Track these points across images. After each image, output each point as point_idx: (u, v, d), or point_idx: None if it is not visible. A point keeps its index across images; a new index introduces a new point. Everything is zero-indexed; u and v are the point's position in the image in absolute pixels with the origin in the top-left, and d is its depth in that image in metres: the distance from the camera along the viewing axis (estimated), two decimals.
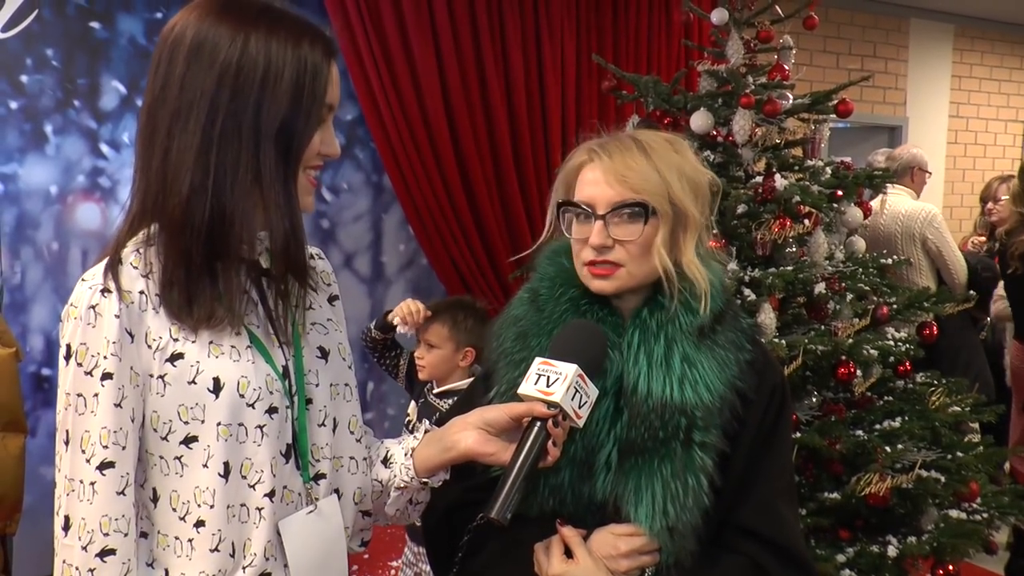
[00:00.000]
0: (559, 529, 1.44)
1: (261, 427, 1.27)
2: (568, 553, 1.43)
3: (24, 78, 3.94)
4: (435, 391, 3.06)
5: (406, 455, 1.48)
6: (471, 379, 2.82)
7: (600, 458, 1.42)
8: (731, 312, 1.50)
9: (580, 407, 1.34)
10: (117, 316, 1.20)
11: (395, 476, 1.48)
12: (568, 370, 1.33)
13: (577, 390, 1.33)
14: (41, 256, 4.02)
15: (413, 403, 3.20)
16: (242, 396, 1.25)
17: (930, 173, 5.08)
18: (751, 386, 1.45)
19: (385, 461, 1.50)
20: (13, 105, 3.93)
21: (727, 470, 1.43)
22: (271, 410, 1.28)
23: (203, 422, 1.24)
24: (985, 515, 3.08)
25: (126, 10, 4.11)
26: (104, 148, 4.10)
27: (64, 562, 1.22)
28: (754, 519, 1.46)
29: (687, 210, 1.44)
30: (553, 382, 1.33)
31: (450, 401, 2.89)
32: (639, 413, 1.40)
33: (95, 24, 4.06)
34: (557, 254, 1.56)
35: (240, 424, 1.25)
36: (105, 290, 1.21)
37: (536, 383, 1.34)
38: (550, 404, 1.32)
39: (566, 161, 1.54)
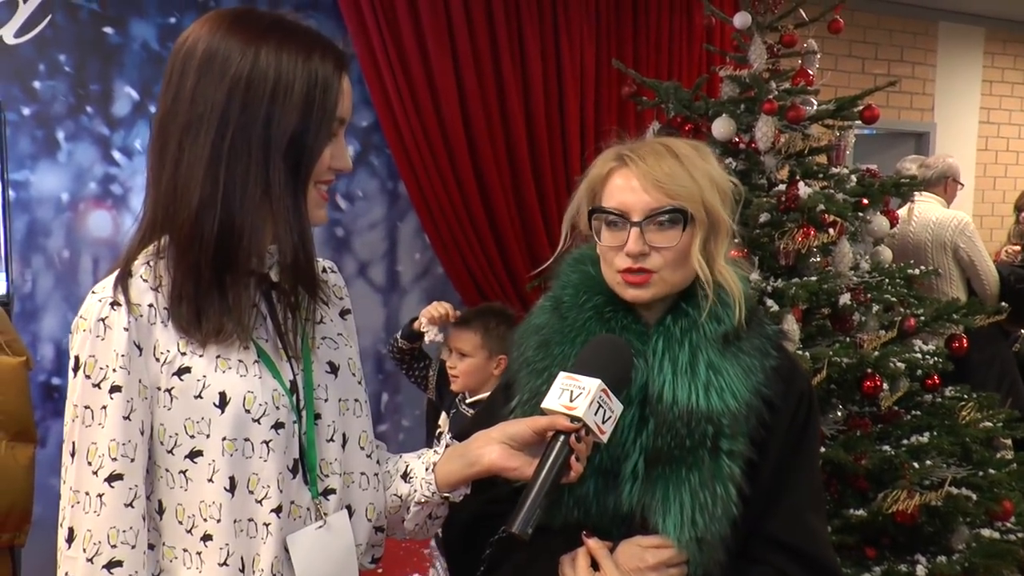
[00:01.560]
0: (585, 541, 1.43)
1: (267, 442, 1.27)
2: (595, 565, 1.42)
3: (36, 84, 3.92)
4: (467, 401, 3.01)
5: (427, 469, 1.48)
6: None
7: (626, 468, 1.42)
8: (756, 318, 1.50)
9: (603, 422, 1.34)
10: (126, 329, 1.22)
11: (415, 491, 1.48)
12: (591, 385, 1.33)
13: (600, 405, 1.33)
14: (52, 264, 3.99)
15: (444, 414, 3.15)
16: (248, 411, 1.26)
17: (963, 184, 5.02)
18: (777, 393, 1.45)
19: (404, 475, 1.50)
20: (25, 111, 3.91)
21: (755, 478, 1.42)
22: (277, 425, 1.28)
23: (208, 436, 1.25)
24: (1020, 535, 3.05)
25: (139, 15, 4.09)
26: (116, 155, 4.07)
27: (67, 574, 1.22)
28: (783, 529, 1.45)
29: (720, 216, 1.45)
30: (576, 396, 1.33)
31: None
32: (665, 421, 1.40)
33: (108, 29, 4.03)
34: (580, 261, 1.56)
35: (246, 439, 1.26)
36: (115, 303, 1.22)
37: (560, 397, 1.34)
38: (573, 418, 1.32)
39: (591, 167, 1.54)
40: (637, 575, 1.39)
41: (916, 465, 2.85)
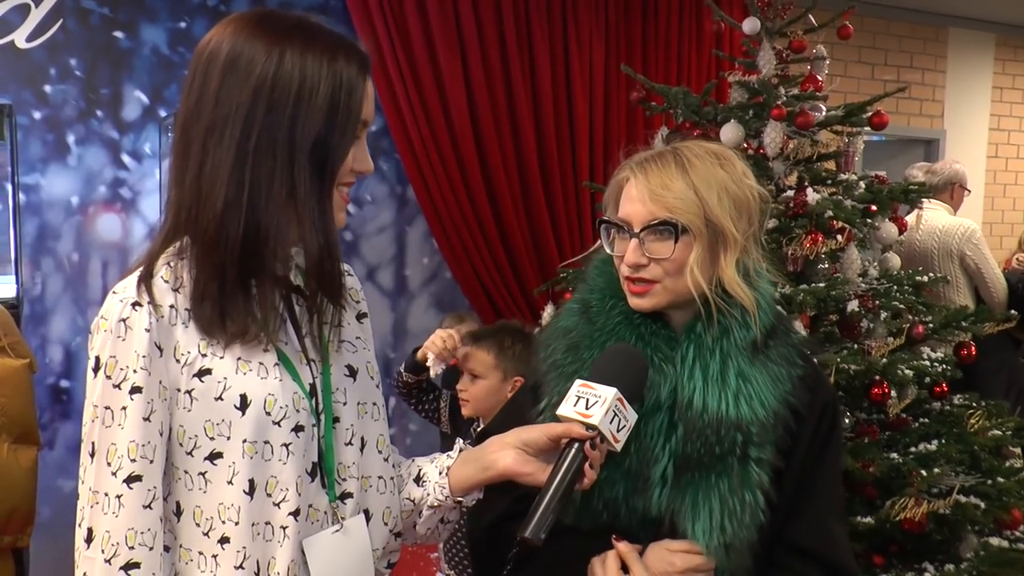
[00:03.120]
0: (615, 544, 1.44)
1: (287, 445, 1.27)
2: (624, 568, 1.43)
3: (47, 88, 3.94)
4: (481, 429, 2.86)
5: (440, 474, 1.48)
6: None
7: (655, 472, 1.43)
8: (782, 327, 1.52)
9: (618, 431, 1.34)
10: (147, 330, 1.22)
11: (428, 495, 1.48)
12: (607, 393, 1.34)
13: (616, 414, 1.34)
14: (61, 267, 4.01)
15: (460, 440, 3.01)
16: (268, 414, 1.26)
17: (969, 191, 5.00)
18: (803, 402, 1.46)
19: (417, 479, 1.50)
20: (36, 115, 3.93)
21: (781, 486, 1.44)
22: (297, 428, 1.28)
23: (228, 439, 1.25)
24: None
25: (150, 20, 4.11)
26: (126, 159, 4.09)
27: (85, 575, 1.22)
28: (806, 537, 1.47)
29: (724, 228, 1.43)
30: (592, 405, 1.33)
31: None
32: (695, 428, 1.41)
33: (118, 34, 4.06)
34: (608, 264, 1.56)
35: (266, 442, 1.26)
36: (136, 303, 1.22)
37: (575, 405, 1.35)
38: (588, 426, 1.33)
39: (614, 175, 1.55)
40: None
41: (924, 473, 2.82)
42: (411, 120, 4.39)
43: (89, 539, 1.21)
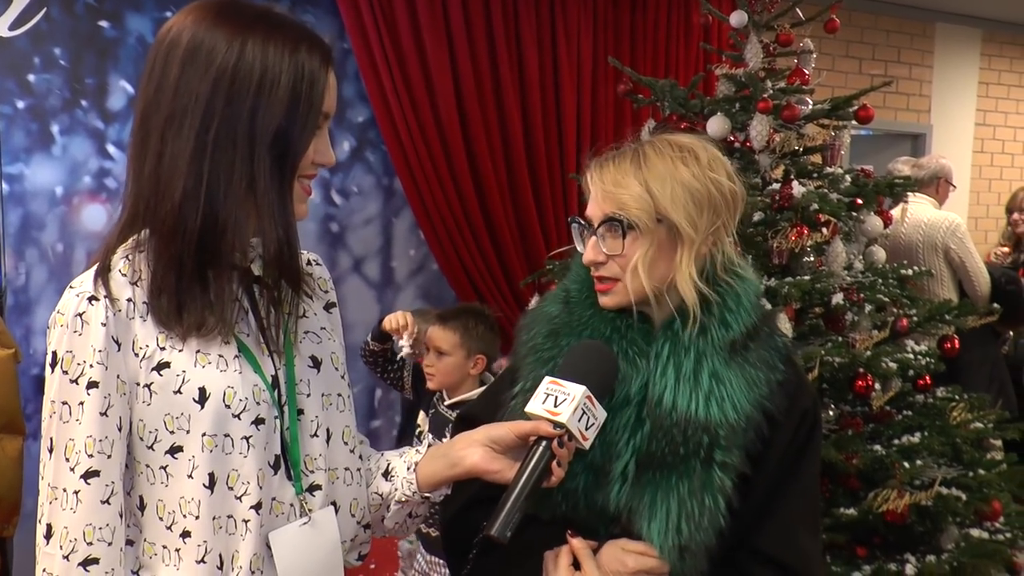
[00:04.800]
0: (569, 540, 1.43)
1: (247, 438, 1.26)
2: (576, 565, 1.42)
3: (31, 77, 3.91)
4: (447, 402, 2.99)
5: (409, 469, 1.47)
6: (483, 388, 2.76)
7: (617, 467, 1.42)
8: (766, 329, 1.48)
9: (587, 429, 1.33)
10: (104, 324, 1.20)
11: (396, 489, 1.47)
12: (576, 391, 1.33)
13: (585, 412, 1.33)
14: (46, 257, 3.98)
15: (424, 413, 3.14)
16: (228, 406, 1.25)
17: (955, 186, 5.02)
18: (780, 408, 1.43)
19: (386, 474, 1.49)
20: (20, 105, 3.90)
21: (747, 493, 1.41)
22: (257, 421, 1.27)
23: (188, 432, 1.23)
24: (1008, 535, 3.04)
25: (135, 9, 4.08)
26: (111, 149, 4.06)
27: (44, 571, 1.21)
28: (773, 546, 1.45)
29: (678, 224, 1.40)
30: (561, 402, 1.33)
31: None
32: (661, 426, 1.39)
33: (103, 23, 4.02)
34: None
35: (226, 435, 1.25)
36: (93, 298, 1.21)
37: (544, 402, 1.34)
38: (556, 424, 1.32)
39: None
40: None
41: (907, 465, 2.84)
42: (398, 111, 4.37)
43: (48, 535, 1.21)
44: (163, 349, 1.23)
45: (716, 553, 1.39)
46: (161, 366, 1.23)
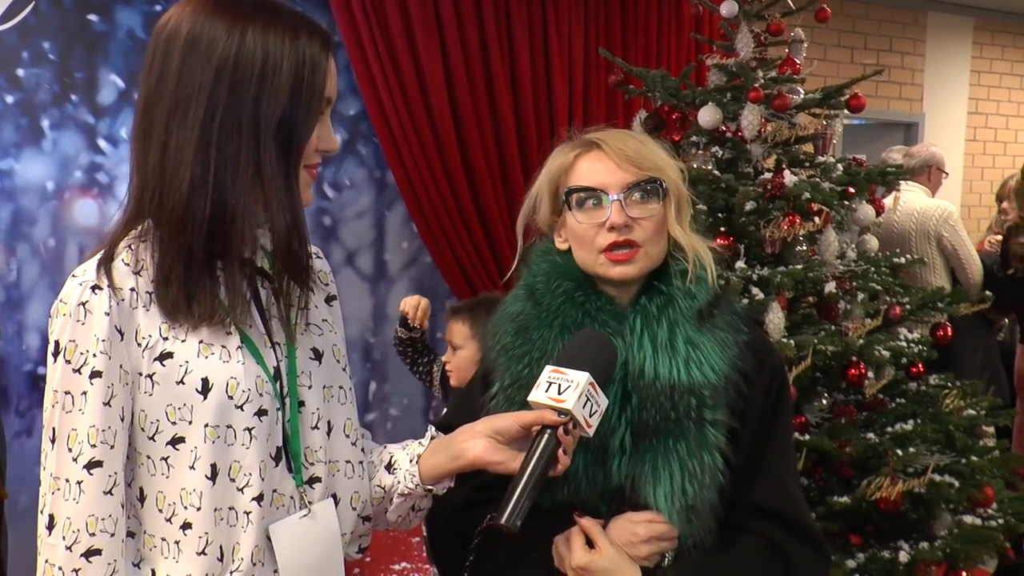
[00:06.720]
0: (578, 520, 1.45)
1: (249, 429, 1.26)
2: (589, 543, 1.43)
3: (20, 72, 3.89)
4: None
5: (411, 461, 1.47)
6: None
7: (614, 441, 1.44)
8: (725, 296, 1.54)
9: (591, 415, 1.34)
10: (107, 313, 1.20)
11: (399, 482, 1.47)
12: (580, 378, 1.33)
13: (588, 398, 1.33)
14: (37, 253, 3.97)
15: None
16: (231, 398, 1.24)
17: (947, 174, 5.03)
18: (751, 366, 1.49)
19: (389, 467, 1.49)
20: (9, 99, 3.89)
21: (737, 447, 1.46)
22: (260, 412, 1.27)
23: (190, 423, 1.23)
24: (1000, 521, 3.04)
25: (124, 2, 4.06)
26: (102, 143, 4.06)
27: (47, 562, 1.20)
28: (765, 497, 1.49)
29: (682, 189, 1.52)
30: (564, 390, 1.33)
31: None
32: (649, 396, 1.42)
33: (93, 17, 4.01)
34: (547, 252, 1.58)
35: (228, 426, 1.24)
36: (96, 287, 1.20)
37: (547, 391, 1.34)
38: (561, 411, 1.32)
39: (550, 161, 1.58)
40: (630, 549, 1.42)
41: (900, 452, 2.84)
42: (389, 104, 4.37)
43: (50, 526, 1.20)
44: (166, 339, 1.23)
45: (720, 511, 1.43)
46: (164, 356, 1.22)
